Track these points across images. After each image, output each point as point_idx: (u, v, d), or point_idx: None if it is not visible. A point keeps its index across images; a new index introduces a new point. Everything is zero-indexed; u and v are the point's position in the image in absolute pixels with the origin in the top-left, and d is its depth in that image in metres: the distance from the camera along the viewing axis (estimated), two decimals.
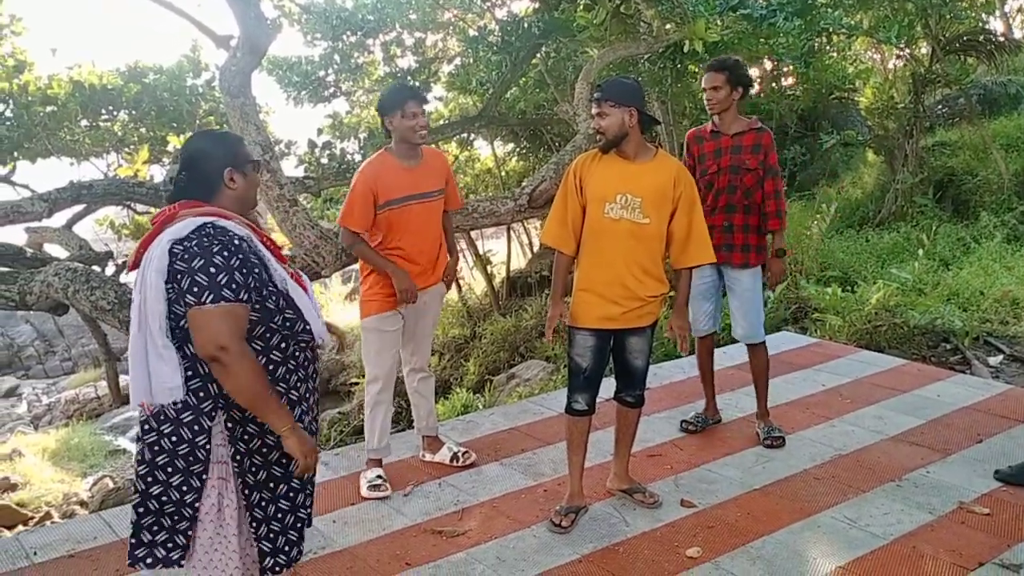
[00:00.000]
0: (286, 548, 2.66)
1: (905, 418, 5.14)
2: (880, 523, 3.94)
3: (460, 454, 4.68)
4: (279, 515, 2.64)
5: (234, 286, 2.39)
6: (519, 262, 14.52)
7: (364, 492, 4.35)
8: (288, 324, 2.57)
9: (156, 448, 2.49)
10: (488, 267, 13.52)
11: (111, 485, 9.90)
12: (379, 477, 4.41)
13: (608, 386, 4.23)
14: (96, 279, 5.51)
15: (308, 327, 2.62)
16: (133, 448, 13.34)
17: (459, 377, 11.15)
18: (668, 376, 6.09)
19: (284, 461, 2.61)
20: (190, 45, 12.19)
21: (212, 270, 2.38)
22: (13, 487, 10.49)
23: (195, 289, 2.37)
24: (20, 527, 8.70)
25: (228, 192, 2.61)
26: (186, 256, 2.39)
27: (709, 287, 4.88)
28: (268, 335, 2.54)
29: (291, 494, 2.67)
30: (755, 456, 4.72)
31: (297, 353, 2.64)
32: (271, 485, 2.61)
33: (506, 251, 14.09)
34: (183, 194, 2.59)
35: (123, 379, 14.16)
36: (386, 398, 4.49)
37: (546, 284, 12.52)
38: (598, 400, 4.07)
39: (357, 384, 11.24)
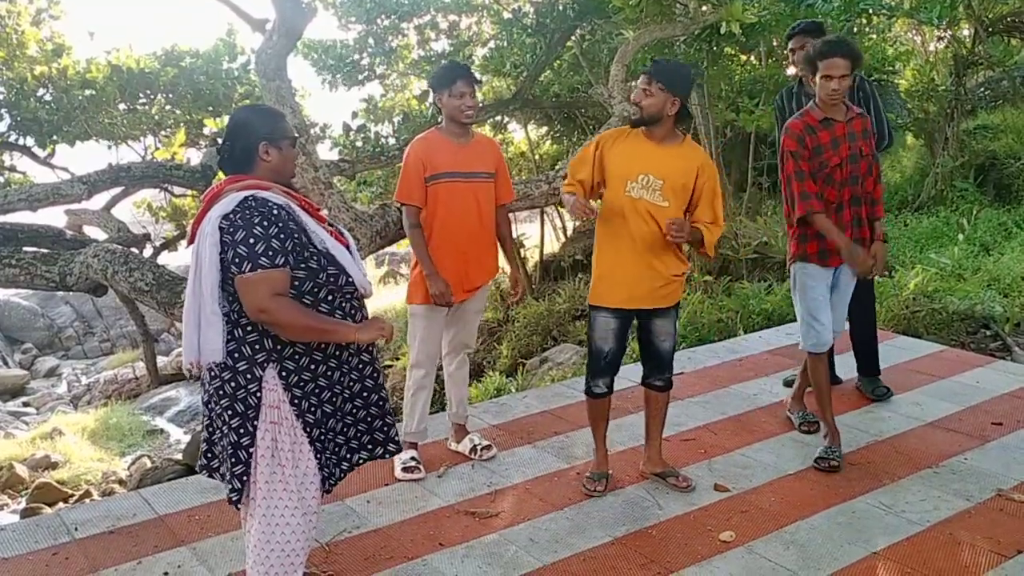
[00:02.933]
0: (336, 472, 3.01)
1: (943, 404, 5.08)
2: (916, 509, 3.90)
3: (480, 447, 4.61)
4: (333, 447, 2.97)
5: (271, 253, 2.66)
6: (552, 246, 14.49)
7: (397, 473, 4.37)
8: (332, 279, 2.83)
9: (220, 393, 2.80)
10: (521, 250, 13.50)
11: (149, 464, 10.04)
12: (413, 459, 4.42)
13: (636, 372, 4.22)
14: (134, 261, 5.58)
15: (351, 279, 2.87)
16: (170, 428, 13.51)
17: (492, 360, 11.15)
18: (702, 361, 6.06)
19: (333, 400, 2.92)
20: (226, 29, 12.24)
21: (251, 241, 2.65)
22: (54, 465, 10.70)
23: (237, 260, 2.66)
24: (60, 504, 8.86)
25: (263, 164, 2.86)
26: (231, 229, 2.67)
27: (829, 291, 4.44)
28: (316, 290, 2.81)
29: (343, 428, 2.99)
30: (790, 441, 4.69)
31: (344, 304, 2.90)
32: (325, 421, 2.91)
33: (539, 235, 14.06)
34: (226, 163, 2.89)
35: (160, 360, 14.36)
36: (428, 383, 4.49)
37: (579, 268, 12.47)
38: (630, 386, 4.07)
39: (391, 366, 11.29)
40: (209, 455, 2.95)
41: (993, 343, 6.64)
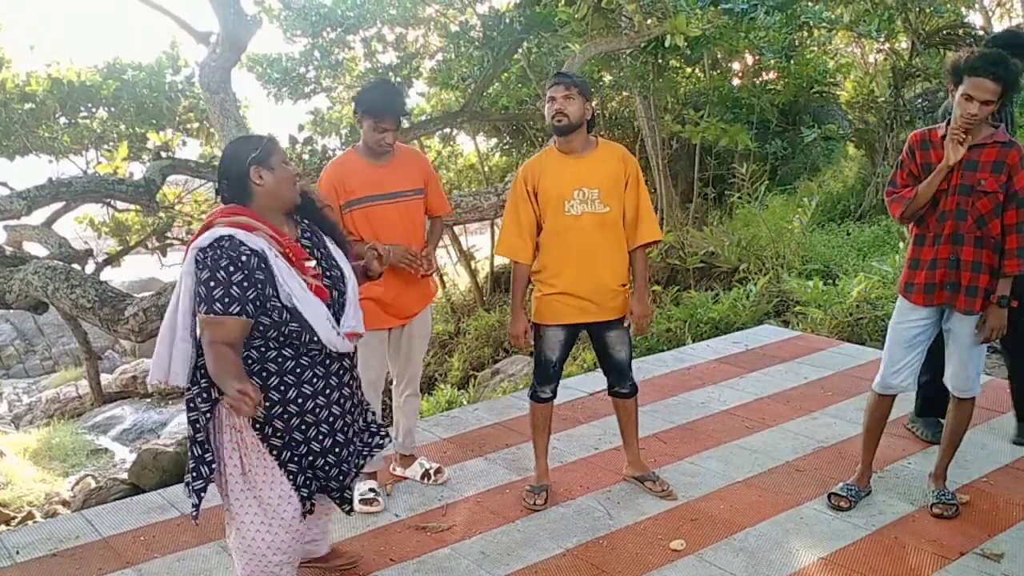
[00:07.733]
0: (305, 493, 3.00)
1: None
2: (862, 514, 3.96)
3: (432, 471, 4.47)
4: (318, 469, 2.98)
5: (226, 300, 2.66)
6: (503, 258, 14.51)
7: (356, 506, 4.02)
8: (294, 335, 2.81)
9: (191, 405, 2.86)
10: (472, 262, 13.51)
11: (93, 484, 9.83)
12: (372, 490, 4.21)
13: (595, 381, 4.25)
14: (76, 277, 5.48)
15: (316, 337, 2.83)
16: (115, 447, 13.23)
17: (443, 373, 11.13)
18: (650, 370, 6.10)
19: (303, 427, 2.91)
20: (169, 41, 12.11)
21: (211, 283, 2.67)
22: None
23: (197, 299, 2.72)
24: (2, 527, 8.65)
25: (259, 189, 2.82)
26: (201, 266, 2.71)
27: (923, 331, 3.89)
28: (280, 338, 2.83)
29: (311, 458, 2.96)
30: (738, 449, 4.74)
31: (307, 355, 2.88)
32: (293, 446, 2.91)
33: (490, 246, 14.08)
34: (225, 197, 2.89)
35: (104, 378, 14.08)
36: (374, 409, 4.37)
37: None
38: (579, 396, 4.10)
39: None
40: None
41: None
